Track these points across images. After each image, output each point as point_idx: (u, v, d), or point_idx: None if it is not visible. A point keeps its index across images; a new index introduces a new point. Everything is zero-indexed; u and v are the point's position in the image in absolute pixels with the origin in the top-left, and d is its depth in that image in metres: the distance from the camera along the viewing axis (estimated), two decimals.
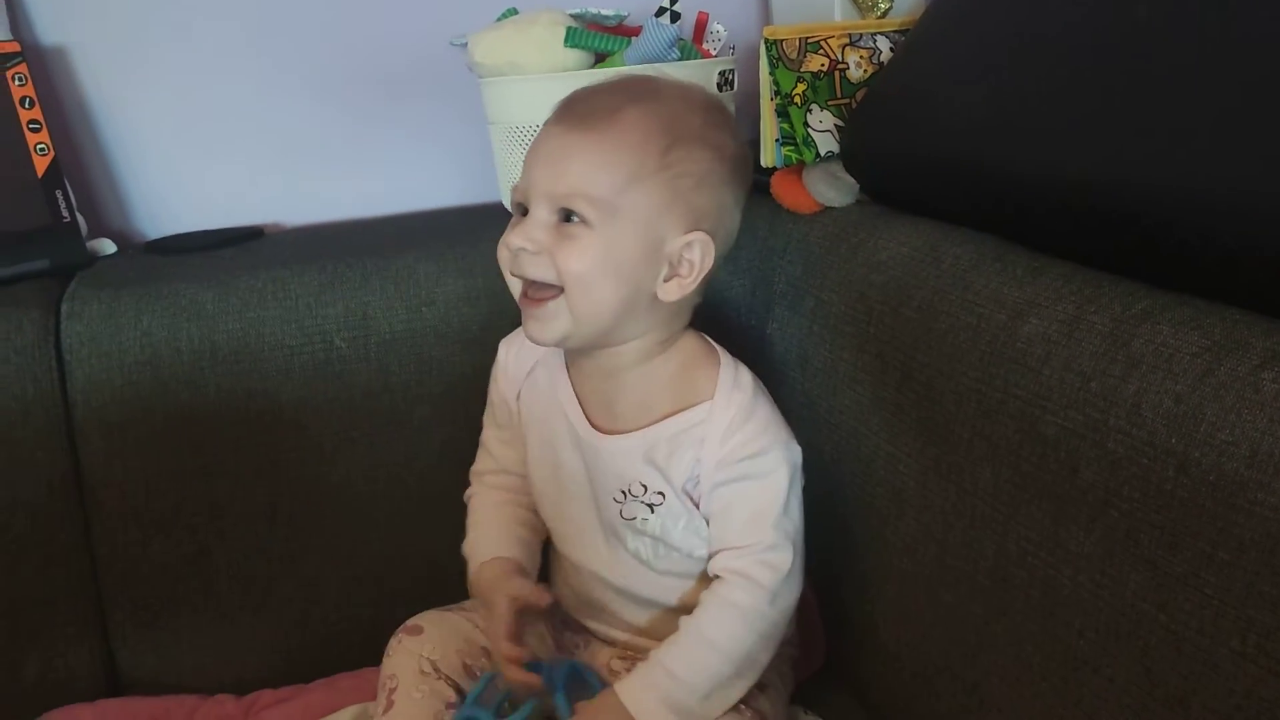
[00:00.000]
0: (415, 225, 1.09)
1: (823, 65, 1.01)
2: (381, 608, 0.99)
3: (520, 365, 0.87)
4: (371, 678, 0.95)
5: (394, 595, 0.98)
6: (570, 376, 0.83)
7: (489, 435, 0.91)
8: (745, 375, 0.80)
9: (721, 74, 1.01)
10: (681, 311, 0.80)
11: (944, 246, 0.83)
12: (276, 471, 0.96)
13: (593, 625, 0.89)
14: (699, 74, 0.97)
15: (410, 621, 0.88)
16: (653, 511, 0.79)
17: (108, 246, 1.08)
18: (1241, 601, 0.54)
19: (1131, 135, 0.68)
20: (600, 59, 1.04)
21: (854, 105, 1.01)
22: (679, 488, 0.78)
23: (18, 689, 0.93)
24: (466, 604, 0.89)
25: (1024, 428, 0.69)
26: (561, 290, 0.74)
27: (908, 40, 0.98)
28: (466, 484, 0.98)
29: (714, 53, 1.09)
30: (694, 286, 0.76)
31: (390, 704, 0.83)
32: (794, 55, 1.03)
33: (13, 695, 0.93)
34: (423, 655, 0.84)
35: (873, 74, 1.01)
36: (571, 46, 1.00)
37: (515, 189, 0.77)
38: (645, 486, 0.78)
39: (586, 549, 0.84)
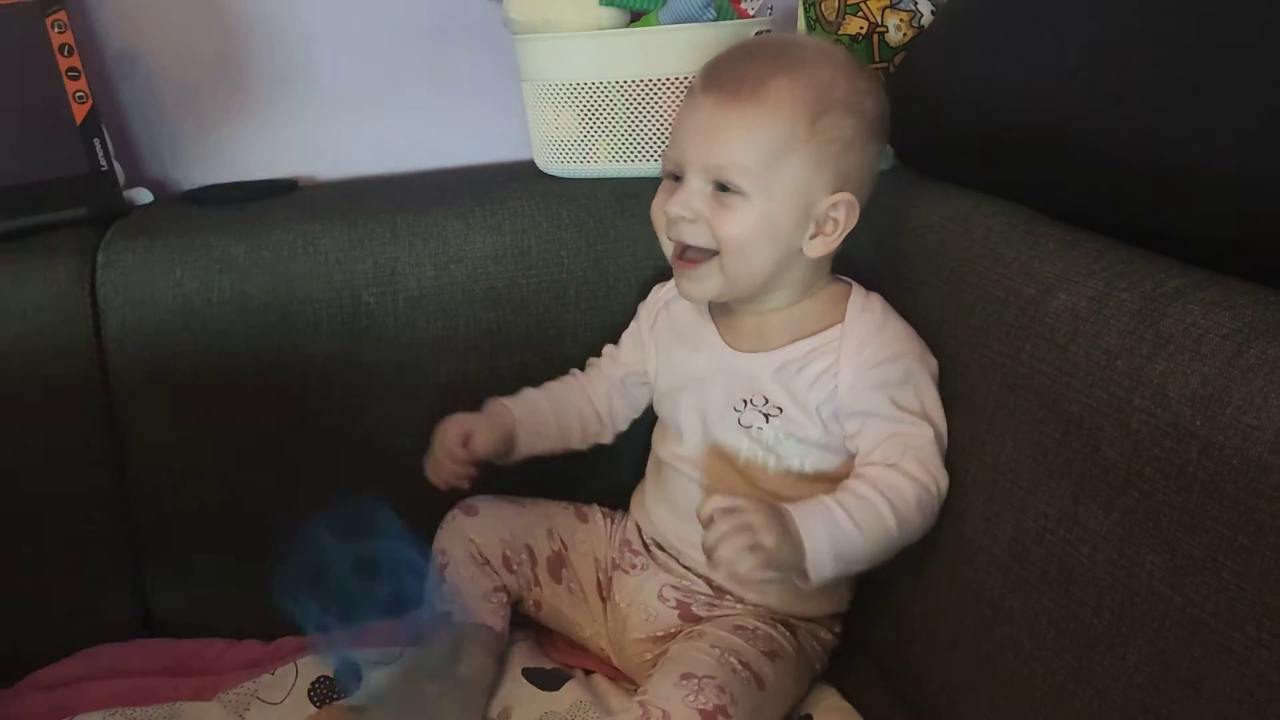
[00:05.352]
0: (445, 181, 1.09)
1: (861, 28, 1.00)
2: None
3: (659, 296, 0.94)
4: (395, 630, 0.98)
5: None
6: (710, 308, 0.89)
7: (621, 341, 0.98)
8: (875, 299, 0.84)
9: (758, 35, 1.00)
10: (824, 264, 0.84)
11: (975, 216, 0.81)
12: (303, 423, 0.97)
13: (664, 547, 0.91)
14: (735, 34, 0.96)
15: (469, 501, 0.95)
16: (768, 421, 0.83)
17: (144, 196, 1.09)
18: (1259, 587, 0.53)
19: (1176, 108, 0.66)
20: (635, 18, 1.02)
21: (892, 69, 1.00)
22: (805, 404, 0.81)
23: (52, 627, 0.96)
24: (525, 500, 0.97)
25: (1048, 404, 0.68)
26: (716, 253, 0.79)
27: (949, 3, 0.96)
28: None
29: (751, 13, 1.07)
30: (838, 243, 0.81)
31: (442, 579, 0.90)
32: (833, 17, 1.02)
33: (48, 633, 0.96)
34: (470, 538, 0.92)
35: (912, 37, 0.99)
36: (607, 4, 0.99)
37: (666, 157, 0.82)
38: (766, 399, 0.83)
39: (697, 455, 0.87)
